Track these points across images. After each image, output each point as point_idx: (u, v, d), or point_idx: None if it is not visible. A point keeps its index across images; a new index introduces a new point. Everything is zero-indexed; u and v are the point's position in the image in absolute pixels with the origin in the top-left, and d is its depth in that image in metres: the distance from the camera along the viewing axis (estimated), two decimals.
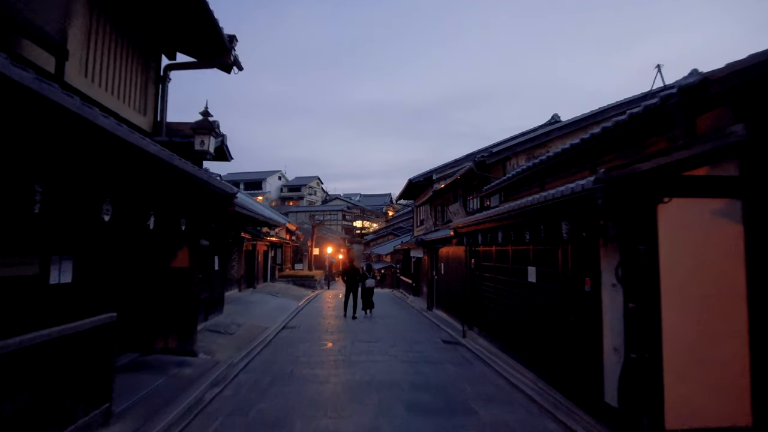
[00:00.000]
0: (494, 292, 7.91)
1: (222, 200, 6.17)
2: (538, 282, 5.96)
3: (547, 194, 4.67)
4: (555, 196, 4.42)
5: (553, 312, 5.48)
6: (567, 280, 5.14)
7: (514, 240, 6.34)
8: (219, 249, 9.35)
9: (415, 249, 17.94)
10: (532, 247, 6.09)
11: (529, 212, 5.23)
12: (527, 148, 10.19)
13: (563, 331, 5.20)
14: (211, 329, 8.45)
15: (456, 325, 10.83)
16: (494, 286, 7.92)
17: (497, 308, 7.75)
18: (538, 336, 5.94)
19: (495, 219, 6.65)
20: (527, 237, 5.75)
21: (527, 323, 6.33)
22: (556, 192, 4.47)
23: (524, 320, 6.44)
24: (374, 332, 9.67)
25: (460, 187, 13.57)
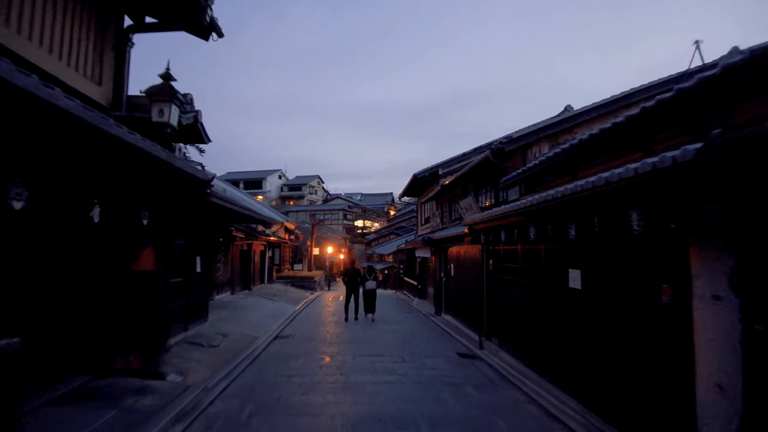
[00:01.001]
0: (520, 299, 6.76)
1: (194, 189, 5.04)
2: (584, 289, 4.80)
3: (611, 174, 3.52)
4: (625, 176, 3.27)
5: (608, 327, 4.33)
6: (632, 287, 3.99)
7: (552, 237, 5.18)
8: (201, 249, 8.21)
9: (420, 248, 16.79)
10: (577, 245, 4.93)
11: (581, 200, 4.08)
12: (551, 134, 9.02)
13: (624, 353, 4.04)
14: (191, 341, 7.31)
15: (470, 334, 9.68)
16: (520, 291, 6.76)
17: (523, 317, 6.59)
18: (583, 355, 4.78)
19: (524, 212, 5.50)
20: (572, 232, 4.59)
21: (567, 338, 5.17)
22: (625, 171, 3.32)
23: (563, 334, 5.29)
24: (379, 342, 8.52)
25: (471, 181, 12.43)
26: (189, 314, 7.72)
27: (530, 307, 6.34)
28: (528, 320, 6.41)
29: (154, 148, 3.75)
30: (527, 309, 6.45)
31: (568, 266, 5.15)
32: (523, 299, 6.60)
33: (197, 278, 8.11)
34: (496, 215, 6.54)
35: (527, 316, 6.44)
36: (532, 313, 6.27)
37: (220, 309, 10.91)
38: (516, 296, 6.92)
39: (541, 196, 4.83)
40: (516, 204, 5.68)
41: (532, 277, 6.28)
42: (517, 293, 6.86)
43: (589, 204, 4.13)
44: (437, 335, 9.75)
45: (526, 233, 5.91)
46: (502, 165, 9.46)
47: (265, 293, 17.18)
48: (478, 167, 10.32)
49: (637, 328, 3.87)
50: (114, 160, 3.73)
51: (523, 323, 6.63)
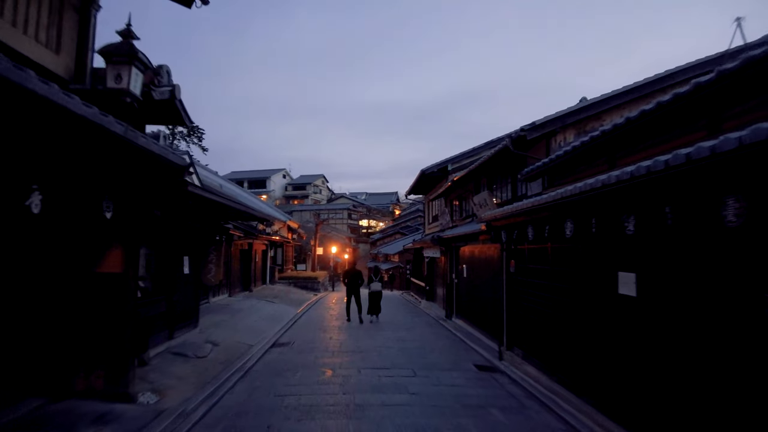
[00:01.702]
0: (549, 306, 5.88)
1: (168, 176, 4.21)
2: (640, 296, 3.92)
3: (696, 150, 2.65)
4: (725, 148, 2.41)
5: (679, 345, 3.45)
6: (717, 295, 3.11)
7: (596, 233, 4.30)
8: (190, 248, 7.40)
9: (429, 248, 15.93)
10: (633, 243, 4.03)
11: (651, 185, 3.22)
12: (577, 120, 8.12)
13: (706, 380, 3.17)
14: (176, 351, 6.50)
15: (486, 342, 8.81)
16: (550, 297, 5.88)
17: (554, 327, 5.71)
18: (640, 378, 3.90)
19: (563, 203, 4.62)
20: (629, 227, 3.71)
21: (616, 356, 4.29)
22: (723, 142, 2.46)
23: (609, 351, 4.41)
24: (386, 352, 7.67)
25: (485, 176, 11.55)
26: (175, 321, 6.91)
27: (563, 315, 5.45)
28: (560, 331, 5.53)
29: (105, 119, 2.92)
30: (559, 318, 5.57)
31: (617, 268, 4.27)
32: (554, 306, 5.72)
33: (185, 280, 7.31)
34: (522, 209, 5.65)
35: (559, 326, 5.56)
36: (565, 323, 5.39)
37: (214, 313, 10.12)
38: (544, 302, 6.04)
39: (588, 182, 3.95)
40: (551, 195, 4.79)
41: (566, 281, 5.40)
42: (546, 299, 5.98)
43: (662, 191, 3.25)
44: (450, 343, 8.88)
45: (560, 230, 5.03)
46: (521, 155, 8.58)
47: (266, 295, 16.40)
48: (495, 159, 9.44)
49: (725, 348, 2.99)
50: (54, 134, 2.92)
51: (553, 334, 5.74)
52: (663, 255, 3.72)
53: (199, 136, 45.65)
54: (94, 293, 4.39)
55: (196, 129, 45.49)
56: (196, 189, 5.07)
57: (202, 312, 9.80)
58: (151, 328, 5.90)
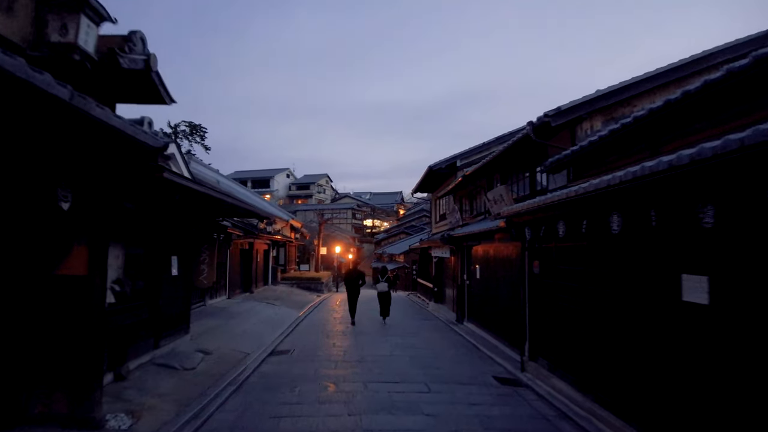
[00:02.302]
0: (585, 313, 5.13)
1: (138, 159, 3.52)
2: (713, 304, 3.18)
3: None
4: None
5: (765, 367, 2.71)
6: None
7: (656, 227, 3.56)
8: (178, 247, 6.71)
9: (438, 247, 15.19)
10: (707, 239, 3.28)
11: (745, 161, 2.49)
12: (605, 106, 7.36)
13: None
14: (161, 362, 5.82)
15: (502, 349, 8.07)
16: (584, 302, 5.13)
17: (590, 337, 4.96)
18: (707, 402, 3.16)
19: (613, 191, 3.89)
20: (707, 218, 2.97)
21: (677, 376, 3.55)
22: None
23: (667, 369, 3.66)
24: (396, 361, 6.95)
25: (498, 171, 10.82)
26: (161, 327, 6.22)
27: (603, 324, 4.70)
28: (599, 342, 4.78)
29: (37, 76, 2.23)
30: (597, 327, 4.82)
31: (680, 270, 3.52)
32: (591, 313, 4.97)
33: (173, 283, 6.62)
34: (555, 201, 4.90)
35: (597, 337, 4.81)
36: (606, 334, 4.64)
37: (209, 317, 9.44)
38: (578, 308, 5.29)
39: (648, 165, 3.21)
40: (597, 182, 4.04)
41: (608, 285, 4.65)
42: (580, 305, 5.23)
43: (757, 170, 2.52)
44: (464, 351, 8.15)
45: (603, 225, 4.29)
46: (543, 145, 7.84)
47: (267, 296, 15.74)
48: (512, 151, 8.70)
49: None
50: None
51: (589, 345, 4.99)
52: (732, 254, 2.97)
53: (201, 134, 45.14)
54: (53, 300, 3.71)
55: (199, 128, 45.00)
56: (182, 180, 4.38)
57: (196, 316, 9.13)
58: (130, 337, 5.22)
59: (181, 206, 6.57)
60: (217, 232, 11.52)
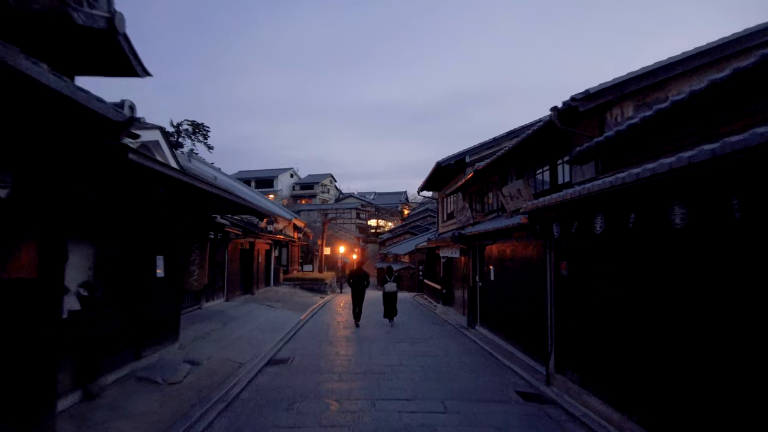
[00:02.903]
0: (630, 322, 4.41)
1: (95, 136, 2.85)
2: None
3: None
4: None
5: None
6: None
7: (740, 219, 2.85)
8: (165, 246, 6.06)
9: (446, 247, 14.47)
10: None
11: None
12: (638, 89, 6.63)
13: None
14: (142, 375, 5.15)
15: (521, 358, 7.36)
16: (630, 310, 4.41)
17: (638, 351, 4.25)
18: None
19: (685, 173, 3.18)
20: None
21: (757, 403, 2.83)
22: None
23: (744, 395, 2.95)
24: (406, 373, 6.26)
25: (513, 165, 10.10)
26: (144, 336, 5.56)
27: (655, 336, 3.99)
28: (649, 357, 4.06)
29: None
30: (647, 339, 4.10)
31: None
32: (639, 323, 4.25)
33: (159, 286, 5.96)
34: (593, 192, 4.19)
35: (647, 351, 4.09)
36: (659, 347, 3.92)
37: (203, 321, 8.79)
38: (620, 317, 4.57)
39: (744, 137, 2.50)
40: (651, 167, 3.33)
41: (664, 290, 3.93)
42: (624, 312, 4.51)
43: None
44: (480, 360, 7.43)
45: (659, 218, 3.59)
46: (568, 133, 7.14)
47: (269, 298, 15.10)
48: (531, 141, 7.98)
49: None
50: None
51: (634, 359, 4.27)
52: None
53: (204, 133, 44.94)
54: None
55: (202, 126, 44.74)
56: (157, 165, 3.71)
57: (188, 321, 8.49)
58: (104, 349, 4.56)
59: (167, 201, 5.92)
60: (213, 231, 10.89)
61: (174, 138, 42.39)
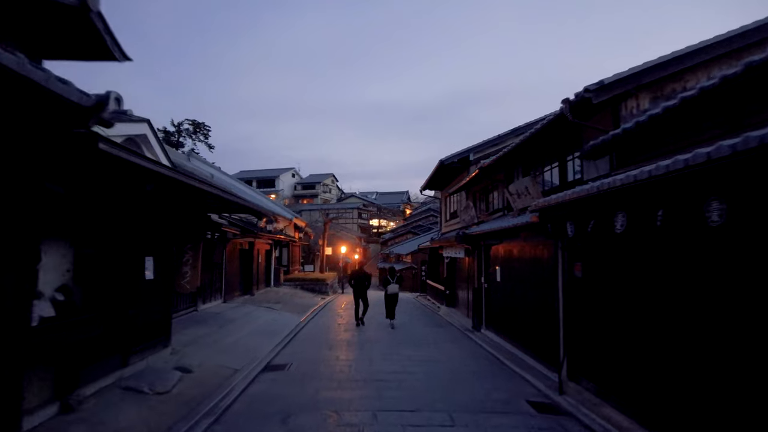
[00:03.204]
0: (655, 329, 4.05)
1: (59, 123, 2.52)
2: None
3: None
4: None
5: None
6: None
7: None
8: (154, 246, 5.73)
9: (450, 247, 14.12)
10: None
11: None
12: (655, 80, 6.27)
13: None
14: (127, 385, 4.82)
15: (530, 363, 7.01)
16: (655, 316, 4.05)
17: (664, 360, 3.89)
18: None
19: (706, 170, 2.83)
20: None
21: None
22: None
23: None
24: (410, 381, 5.91)
25: (520, 162, 9.74)
26: (131, 341, 5.23)
27: (688, 344, 3.63)
28: (676, 367, 3.70)
29: None
30: (677, 348, 3.74)
31: None
32: (667, 330, 3.89)
33: (148, 288, 5.63)
34: (611, 188, 3.84)
35: (679, 361, 3.74)
36: (695, 357, 3.56)
37: (198, 325, 8.46)
38: (642, 322, 4.20)
39: None
40: (682, 158, 2.98)
41: (697, 293, 3.58)
42: (646, 318, 4.14)
43: None
44: (487, 366, 7.07)
45: (693, 215, 3.23)
46: (579, 127, 6.79)
47: (269, 299, 14.78)
48: (539, 137, 7.62)
49: None
50: None
51: (663, 370, 3.91)
52: None
53: (205, 133, 44.69)
54: None
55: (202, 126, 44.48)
56: (134, 157, 3.37)
57: (183, 324, 8.18)
58: (84, 357, 4.23)
59: (157, 199, 5.59)
60: (210, 231, 10.57)
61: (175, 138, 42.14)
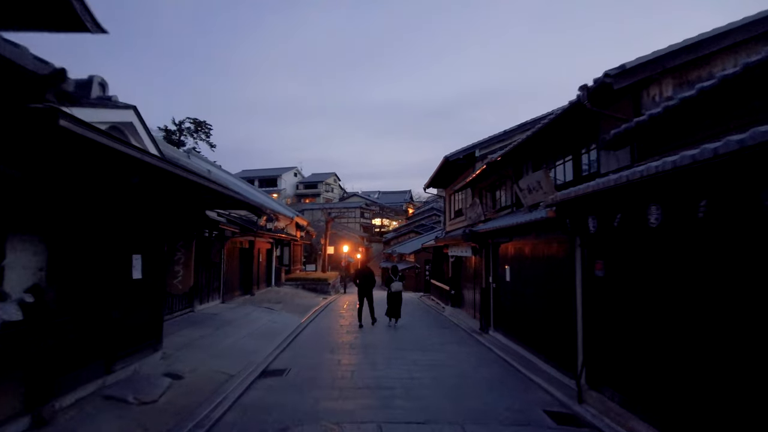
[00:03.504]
0: (695, 336, 3.63)
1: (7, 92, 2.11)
2: None
3: None
4: None
5: None
6: None
7: None
8: (143, 244, 5.34)
9: (456, 245, 13.71)
10: None
11: None
12: (679, 65, 5.84)
13: None
14: (110, 394, 4.42)
15: (544, 368, 6.59)
16: (696, 321, 3.62)
17: (705, 371, 3.47)
18: None
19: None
20: None
21: None
22: None
23: None
24: (417, 388, 5.50)
25: (530, 157, 9.33)
26: (116, 346, 4.84)
27: (735, 351, 3.21)
28: (734, 378, 3.28)
29: None
30: (726, 355, 3.32)
31: None
32: (710, 335, 3.47)
33: (136, 288, 5.24)
34: (644, 177, 3.41)
35: (723, 371, 3.31)
36: (744, 369, 3.14)
37: (193, 326, 8.08)
38: (678, 326, 3.78)
39: None
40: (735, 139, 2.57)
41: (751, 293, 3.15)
42: (682, 321, 3.72)
43: None
44: (499, 372, 6.65)
45: (750, 204, 2.82)
46: (597, 117, 6.38)
47: (269, 299, 14.41)
48: (552, 128, 7.19)
49: None
50: None
51: (709, 381, 3.49)
52: None
53: (206, 131, 44.39)
54: None
55: (204, 124, 44.19)
56: (116, 143, 2.98)
57: (178, 325, 7.80)
58: (60, 364, 3.84)
59: (146, 192, 5.20)
60: (208, 228, 10.19)
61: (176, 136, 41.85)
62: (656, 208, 3.68)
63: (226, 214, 12.15)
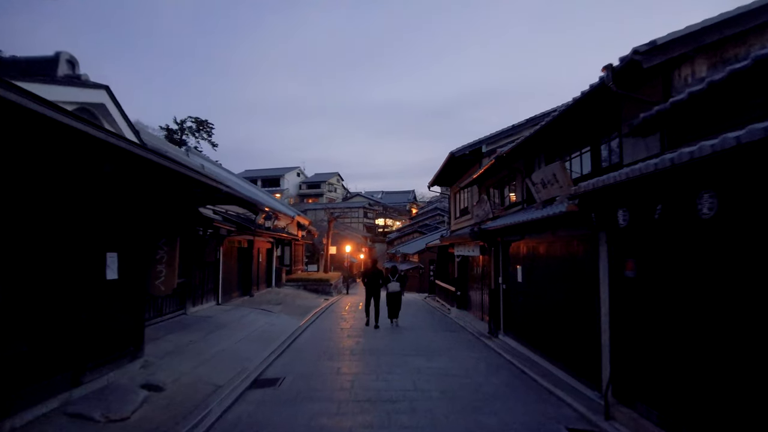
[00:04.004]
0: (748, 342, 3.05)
1: None
2: None
3: None
4: None
5: None
6: None
7: None
8: (118, 241, 4.81)
9: (462, 244, 13.14)
10: None
11: None
12: (716, 41, 5.26)
13: None
14: (76, 411, 3.89)
15: (561, 377, 6.02)
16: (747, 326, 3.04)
17: None
18: None
19: None
20: None
21: None
22: None
23: None
24: (423, 400, 4.94)
25: (543, 150, 8.77)
26: (86, 356, 4.31)
27: None
28: None
29: None
30: None
31: None
32: None
33: (110, 290, 4.71)
34: (694, 158, 2.84)
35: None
36: None
37: (183, 331, 7.55)
38: (734, 336, 3.20)
39: None
40: None
41: None
42: (736, 330, 3.14)
43: None
44: (512, 381, 6.07)
45: None
46: (620, 100, 5.81)
47: (268, 300, 13.90)
48: (570, 115, 6.62)
49: None
50: None
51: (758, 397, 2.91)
52: None
53: (208, 131, 44.01)
54: None
55: (206, 123, 43.80)
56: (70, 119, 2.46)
57: (169, 328, 7.30)
58: (19, 377, 3.32)
59: (121, 183, 4.68)
60: (202, 226, 9.68)
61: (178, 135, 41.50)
62: (710, 196, 3.11)
63: (222, 212, 11.65)
